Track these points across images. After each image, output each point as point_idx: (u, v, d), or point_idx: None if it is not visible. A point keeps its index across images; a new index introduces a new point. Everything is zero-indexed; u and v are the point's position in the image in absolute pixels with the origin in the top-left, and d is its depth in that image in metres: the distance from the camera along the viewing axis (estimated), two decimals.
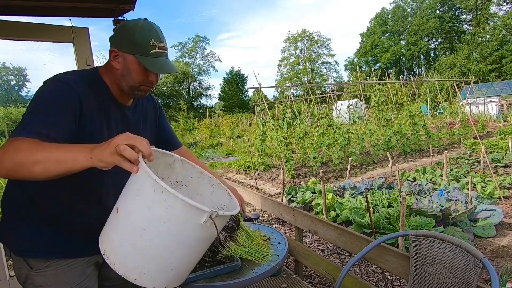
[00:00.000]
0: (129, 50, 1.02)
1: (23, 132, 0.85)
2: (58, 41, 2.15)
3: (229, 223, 1.36)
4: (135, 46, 1.01)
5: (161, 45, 1.05)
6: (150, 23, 1.06)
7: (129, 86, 1.07)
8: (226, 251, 1.30)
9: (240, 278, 1.22)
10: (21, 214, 1.09)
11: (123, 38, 1.03)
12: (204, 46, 44.67)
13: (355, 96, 15.91)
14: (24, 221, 1.08)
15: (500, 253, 3.03)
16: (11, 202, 1.11)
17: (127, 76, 1.05)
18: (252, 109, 27.36)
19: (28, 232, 1.07)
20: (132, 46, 1.01)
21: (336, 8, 75.42)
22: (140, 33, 1.01)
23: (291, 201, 4.99)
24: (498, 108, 16.87)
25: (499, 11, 32.32)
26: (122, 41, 1.03)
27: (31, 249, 1.07)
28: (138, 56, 1.02)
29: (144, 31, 1.02)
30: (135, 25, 1.03)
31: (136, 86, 1.08)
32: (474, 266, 1.19)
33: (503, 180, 4.90)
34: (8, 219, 1.10)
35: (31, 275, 1.07)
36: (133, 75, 1.05)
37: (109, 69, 1.09)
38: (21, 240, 1.07)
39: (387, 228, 3.31)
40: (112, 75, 1.09)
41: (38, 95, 0.96)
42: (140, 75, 1.05)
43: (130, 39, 1.01)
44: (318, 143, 8.62)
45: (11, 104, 25.00)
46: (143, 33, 1.02)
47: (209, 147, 14.03)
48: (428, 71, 25.37)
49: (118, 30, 1.06)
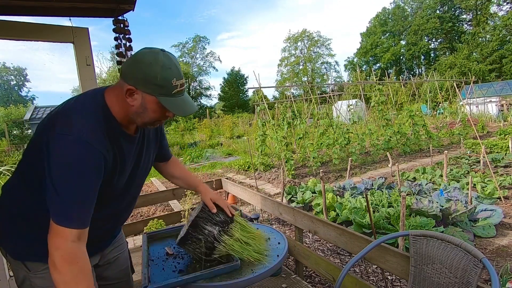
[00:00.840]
0: (150, 91, 0.96)
1: (73, 223, 0.92)
2: (58, 41, 2.15)
3: (221, 217, 1.35)
4: (157, 87, 0.95)
5: (181, 82, 1.00)
6: (169, 56, 0.98)
7: (143, 122, 1.03)
8: (222, 247, 1.30)
9: (240, 278, 1.22)
10: (19, 220, 1.07)
11: (143, 78, 0.94)
12: (204, 46, 44.71)
13: (355, 96, 15.92)
14: (22, 227, 1.07)
15: (500, 253, 3.04)
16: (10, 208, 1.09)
17: (143, 114, 1.00)
18: (252, 109, 27.37)
19: (27, 237, 1.06)
20: (153, 87, 0.95)
21: (336, 8, 75.44)
22: (162, 74, 0.94)
23: (291, 201, 4.99)
24: (498, 108, 16.86)
25: (499, 11, 32.33)
26: (141, 80, 0.95)
27: (31, 253, 1.06)
28: (160, 98, 0.96)
29: (166, 70, 0.95)
30: (156, 63, 0.94)
31: (151, 123, 1.05)
32: (474, 266, 1.19)
33: (503, 180, 4.90)
34: (5, 225, 1.09)
35: (30, 277, 1.07)
36: (151, 114, 1.00)
37: (120, 101, 1.01)
38: (20, 245, 1.07)
39: (387, 228, 3.31)
40: (123, 109, 1.02)
41: (67, 164, 0.90)
42: (158, 113, 1.01)
43: (151, 80, 0.94)
44: (318, 143, 8.62)
45: (11, 104, 25.00)
46: (165, 74, 0.95)
47: (209, 147, 14.03)
48: (428, 71, 25.38)
49: (135, 66, 0.96)
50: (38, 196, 1.00)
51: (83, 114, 0.96)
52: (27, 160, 1.04)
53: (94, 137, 0.94)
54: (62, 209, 0.91)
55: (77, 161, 0.90)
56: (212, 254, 1.31)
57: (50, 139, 0.91)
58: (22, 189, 1.05)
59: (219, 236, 1.30)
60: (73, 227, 0.91)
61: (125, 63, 1.00)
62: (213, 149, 13.47)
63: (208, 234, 1.29)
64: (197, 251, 1.30)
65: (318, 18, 74.56)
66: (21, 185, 1.06)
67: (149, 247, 1.53)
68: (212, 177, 7.74)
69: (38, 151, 0.95)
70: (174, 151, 13.25)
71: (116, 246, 1.37)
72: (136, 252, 3.09)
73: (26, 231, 1.06)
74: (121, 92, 0.99)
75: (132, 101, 0.98)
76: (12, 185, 1.10)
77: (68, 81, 50.89)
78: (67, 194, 0.91)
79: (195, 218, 1.31)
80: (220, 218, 1.35)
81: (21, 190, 1.06)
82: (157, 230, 1.74)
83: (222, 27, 74.22)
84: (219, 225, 1.33)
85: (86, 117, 0.96)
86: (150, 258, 1.42)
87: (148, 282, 1.18)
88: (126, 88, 0.97)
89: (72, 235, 0.92)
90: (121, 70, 1.02)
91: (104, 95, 1.03)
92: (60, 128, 0.92)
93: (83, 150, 0.91)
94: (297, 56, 46.64)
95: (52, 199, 0.91)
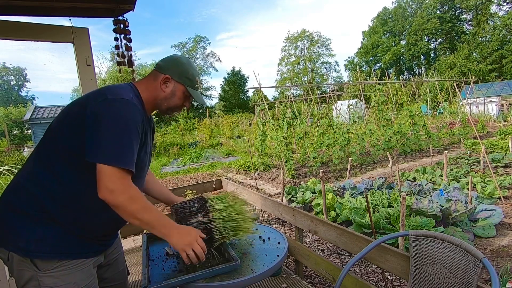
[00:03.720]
0: (182, 81, 1.27)
1: (123, 163, 1.04)
2: (58, 41, 2.14)
3: (196, 204, 1.38)
4: (187, 80, 1.28)
5: (200, 80, 1.35)
6: (193, 62, 1.35)
7: (168, 107, 1.28)
8: (216, 223, 1.31)
9: (240, 278, 1.22)
10: (32, 215, 1.07)
11: (179, 71, 1.26)
12: (204, 46, 44.70)
13: (355, 96, 15.91)
14: (35, 222, 1.07)
15: (500, 253, 3.03)
16: (21, 204, 1.09)
17: (170, 99, 1.27)
18: (252, 109, 27.35)
19: (39, 232, 1.07)
20: (185, 79, 1.27)
21: (336, 8, 75.42)
22: (192, 71, 1.29)
23: (291, 201, 4.99)
24: (498, 108, 16.87)
25: (499, 11, 32.33)
26: (177, 72, 1.26)
27: (43, 250, 1.06)
28: (189, 88, 1.28)
29: (194, 70, 1.31)
30: (188, 63, 1.29)
31: (173, 108, 1.30)
32: (474, 266, 1.19)
33: (503, 180, 4.90)
34: (16, 219, 1.08)
35: (38, 276, 1.06)
36: (176, 100, 1.28)
37: (151, 89, 1.25)
38: (31, 240, 1.06)
39: (387, 228, 3.31)
40: (152, 95, 1.26)
41: (121, 116, 1.06)
42: (182, 101, 1.30)
43: (184, 73, 1.26)
44: (318, 143, 8.62)
45: (11, 104, 25.01)
46: (194, 71, 1.30)
47: (209, 147, 14.04)
48: (428, 71, 25.35)
49: (173, 62, 1.27)
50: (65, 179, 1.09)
51: (126, 91, 1.16)
52: (58, 139, 1.11)
53: (138, 105, 1.16)
54: (118, 152, 1.03)
55: (130, 116, 1.08)
56: (214, 241, 1.31)
57: (101, 103, 1.06)
58: (44, 178, 1.09)
59: (206, 218, 1.32)
60: (130, 167, 1.05)
61: (163, 60, 1.29)
62: (213, 149, 13.47)
63: (197, 225, 1.31)
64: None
65: (318, 18, 74.59)
66: (43, 173, 1.09)
67: (149, 247, 1.53)
68: (212, 177, 7.74)
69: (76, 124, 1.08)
70: (174, 151, 13.26)
71: (115, 248, 1.39)
72: (136, 252, 3.10)
73: (40, 226, 1.07)
74: (153, 82, 1.25)
75: (165, 88, 1.25)
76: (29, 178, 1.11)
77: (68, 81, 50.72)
78: (121, 139, 1.04)
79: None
80: (195, 205, 1.38)
81: (44, 179, 1.09)
82: None
83: (222, 27, 74.26)
84: (199, 211, 1.35)
85: (130, 92, 1.18)
86: (150, 258, 1.42)
87: (148, 282, 1.18)
88: (163, 77, 1.24)
89: (129, 176, 1.07)
90: (158, 64, 1.28)
91: (137, 87, 1.25)
92: (111, 95, 1.09)
93: (134, 109, 1.10)
94: (297, 56, 46.63)
95: (106, 146, 1.02)
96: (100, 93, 1.12)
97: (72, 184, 1.09)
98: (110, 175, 1.01)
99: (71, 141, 1.08)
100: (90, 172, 1.06)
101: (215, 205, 1.38)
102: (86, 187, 1.09)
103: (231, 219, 1.35)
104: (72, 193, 1.10)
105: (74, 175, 1.09)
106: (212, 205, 1.38)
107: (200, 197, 1.45)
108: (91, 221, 1.14)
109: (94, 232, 1.17)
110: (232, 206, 1.40)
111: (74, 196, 1.10)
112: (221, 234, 1.32)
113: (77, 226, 1.12)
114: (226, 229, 1.33)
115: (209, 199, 1.42)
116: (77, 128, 1.07)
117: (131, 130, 1.07)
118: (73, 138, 1.08)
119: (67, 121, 1.12)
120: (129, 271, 1.54)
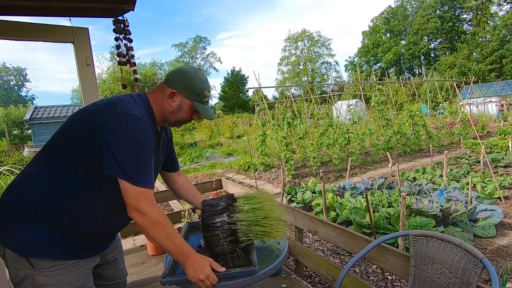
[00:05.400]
0: (189, 96, 1.23)
1: (148, 184, 1.09)
2: (58, 41, 2.14)
3: (223, 203, 1.35)
4: (194, 94, 1.23)
5: (210, 94, 1.30)
6: (204, 74, 1.29)
7: (176, 120, 1.27)
8: (241, 225, 1.29)
9: (240, 278, 1.22)
10: (28, 217, 1.08)
11: (186, 85, 1.22)
12: (204, 47, 44.69)
13: (355, 96, 15.90)
14: (31, 224, 1.07)
15: (500, 253, 3.03)
16: (17, 205, 1.10)
17: (177, 113, 1.25)
18: (252, 109, 27.33)
19: (34, 234, 1.07)
20: (191, 93, 1.23)
21: (336, 8, 75.39)
22: (200, 85, 1.23)
23: (291, 201, 5.00)
24: (498, 108, 16.86)
25: (499, 11, 32.31)
26: (184, 87, 1.22)
27: (37, 250, 1.07)
28: (195, 103, 1.24)
29: (202, 83, 1.24)
30: (196, 76, 1.24)
31: (181, 121, 1.28)
32: (474, 266, 1.19)
33: (503, 180, 4.90)
34: (12, 219, 1.09)
35: (33, 275, 1.07)
36: (183, 115, 1.26)
37: (159, 103, 1.24)
38: (26, 241, 1.07)
39: (387, 228, 3.31)
40: (160, 108, 1.24)
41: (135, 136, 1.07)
42: (189, 115, 1.27)
43: (191, 88, 1.22)
44: (318, 143, 8.62)
45: (11, 104, 25.03)
46: (202, 85, 1.24)
47: (209, 147, 14.04)
48: (428, 71, 25.33)
49: (179, 75, 1.24)
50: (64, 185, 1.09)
51: (138, 105, 1.15)
52: (62, 146, 1.12)
53: (149, 122, 1.14)
54: (140, 173, 1.06)
55: (143, 135, 1.08)
56: (239, 243, 1.29)
57: (111, 118, 1.06)
58: (43, 180, 1.09)
59: (231, 218, 1.30)
60: (152, 187, 1.10)
61: (170, 72, 1.27)
62: (213, 149, 13.47)
63: (221, 225, 1.29)
64: (225, 247, 1.29)
65: (318, 18, 74.52)
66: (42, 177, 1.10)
67: (188, 236, 1.54)
68: (212, 177, 7.75)
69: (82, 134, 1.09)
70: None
71: (114, 248, 1.40)
72: (137, 252, 3.10)
73: (35, 227, 1.07)
74: (161, 95, 1.23)
75: (172, 102, 1.23)
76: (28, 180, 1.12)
77: (68, 81, 50.66)
78: (143, 161, 1.07)
79: (201, 221, 1.31)
80: (222, 204, 1.35)
81: (42, 182, 1.09)
82: (198, 221, 1.72)
83: (222, 26, 74.22)
84: (225, 210, 1.33)
85: (141, 107, 1.16)
86: None
87: (172, 273, 1.21)
88: (170, 91, 1.22)
89: (152, 195, 1.10)
90: (166, 77, 1.26)
91: (149, 99, 1.24)
92: (122, 109, 1.08)
93: (146, 126, 1.10)
94: (297, 56, 46.62)
95: (129, 166, 1.04)
96: (110, 105, 1.10)
97: (70, 191, 1.10)
98: (136, 195, 1.05)
99: (76, 149, 1.09)
100: (90, 180, 1.08)
101: (242, 206, 1.34)
102: (84, 194, 1.11)
103: (257, 222, 1.31)
104: (69, 199, 1.10)
105: (73, 182, 1.10)
106: (239, 205, 1.34)
107: (229, 195, 1.42)
108: (87, 226, 1.15)
109: (89, 236, 1.17)
110: (260, 209, 1.34)
111: (72, 202, 1.10)
112: (247, 236, 1.30)
113: (72, 230, 1.12)
114: (252, 232, 1.30)
115: (238, 198, 1.39)
116: (83, 138, 1.08)
117: (148, 150, 1.09)
118: (78, 147, 1.08)
119: (73, 130, 1.12)
120: (127, 272, 1.54)
